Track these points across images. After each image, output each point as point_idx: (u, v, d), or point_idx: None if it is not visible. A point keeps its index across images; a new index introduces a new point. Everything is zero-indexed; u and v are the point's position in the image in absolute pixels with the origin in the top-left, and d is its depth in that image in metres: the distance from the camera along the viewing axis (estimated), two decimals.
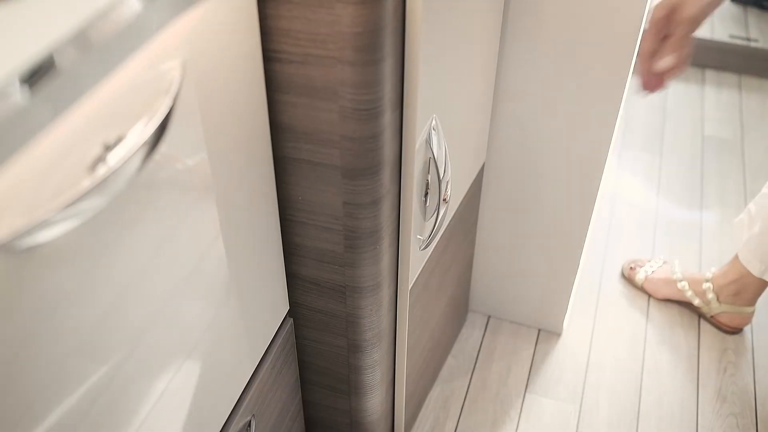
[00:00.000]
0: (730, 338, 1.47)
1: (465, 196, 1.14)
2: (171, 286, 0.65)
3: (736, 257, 1.42)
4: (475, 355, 1.42)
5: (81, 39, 0.45)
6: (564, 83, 1.09)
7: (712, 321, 1.49)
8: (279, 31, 0.70)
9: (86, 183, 0.47)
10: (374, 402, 1.08)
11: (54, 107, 0.44)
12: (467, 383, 1.37)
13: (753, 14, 2.33)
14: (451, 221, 1.09)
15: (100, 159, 0.49)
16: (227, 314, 0.77)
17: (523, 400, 1.34)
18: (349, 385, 1.04)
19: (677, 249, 1.65)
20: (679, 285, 1.50)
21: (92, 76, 0.47)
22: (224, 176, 0.69)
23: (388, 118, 0.76)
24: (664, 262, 1.57)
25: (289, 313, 0.96)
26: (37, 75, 0.42)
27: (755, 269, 1.34)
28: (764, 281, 1.39)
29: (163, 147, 0.56)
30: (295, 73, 0.72)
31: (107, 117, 0.50)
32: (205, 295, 0.72)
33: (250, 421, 0.88)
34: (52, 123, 0.44)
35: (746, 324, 1.47)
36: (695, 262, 1.63)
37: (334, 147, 0.76)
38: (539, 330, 1.47)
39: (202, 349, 0.74)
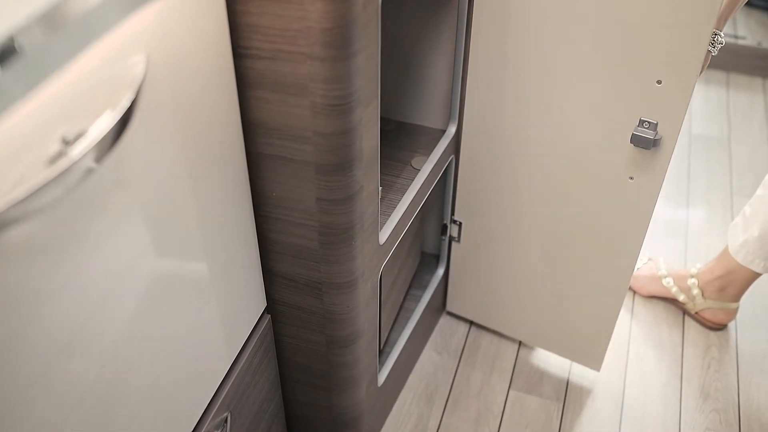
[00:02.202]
0: (714, 335, 1.47)
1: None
2: (144, 282, 0.65)
3: (723, 253, 1.42)
4: (460, 352, 1.42)
5: (42, 23, 0.45)
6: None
7: (697, 317, 1.49)
8: (249, 27, 0.70)
9: (46, 174, 0.47)
10: (355, 398, 1.08)
11: (12, 93, 0.44)
12: (451, 379, 1.37)
13: (740, 12, 2.33)
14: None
15: (61, 151, 0.50)
16: (201, 310, 0.78)
17: (506, 397, 1.35)
18: (330, 381, 1.04)
19: (663, 246, 1.66)
20: (665, 281, 1.50)
21: (50, 65, 0.47)
22: (196, 172, 0.69)
23: (360, 114, 0.76)
24: (650, 259, 1.57)
25: (267, 310, 0.96)
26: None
27: (759, 267, 1.36)
28: (750, 277, 1.39)
29: (128, 141, 0.57)
30: (266, 69, 0.72)
31: (69, 109, 0.50)
32: (178, 291, 0.72)
33: (226, 418, 0.88)
34: (7, 110, 0.44)
35: (730, 320, 1.47)
36: (681, 259, 1.63)
37: (306, 143, 0.77)
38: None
39: (176, 344, 0.74)
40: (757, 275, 1.39)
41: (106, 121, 0.52)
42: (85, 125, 0.51)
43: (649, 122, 0.98)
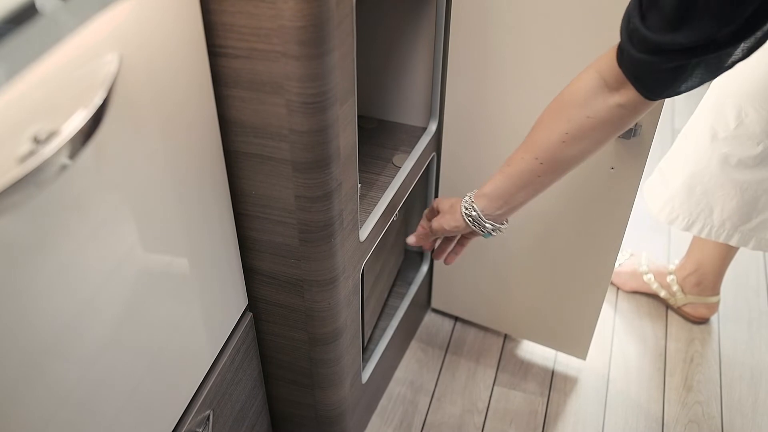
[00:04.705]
0: (696, 328, 1.49)
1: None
2: (122, 280, 0.66)
3: (691, 249, 1.44)
4: (445, 348, 1.43)
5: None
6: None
7: (679, 312, 1.50)
8: (223, 26, 0.71)
9: (18, 171, 0.48)
10: (339, 395, 1.08)
11: None
12: (436, 376, 1.38)
13: None
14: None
15: (33, 150, 0.50)
16: (182, 308, 0.78)
17: (491, 393, 1.36)
18: (313, 378, 1.05)
19: (647, 241, 1.67)
20: (645, 278, 1.52)
21: (19, 63, 0.47)
22: (174, 170, 0.70)
23: (336, 111, 0.77)
24: (631, 255, 1.59)
25: (249, 308, 0.96)
26: None
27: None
28: (720, 267, 1.41)
29: (102, 138, 0.57)
30: (242, 67, 0.73)
31: (41, 108, 0.51)
32: (158, 289, 0.72)
33: (209, 416, 0.88)
34: None
35: (712, 314, 1.48)
36: (665, 254, 1.64)
37: (283, 141, 0.77)
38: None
39: (156, 342, 0.74)
40: (726, 263, 1.41)
41: (78, 119, 0.52)
42: (57, 124, 0.52)
43: None
